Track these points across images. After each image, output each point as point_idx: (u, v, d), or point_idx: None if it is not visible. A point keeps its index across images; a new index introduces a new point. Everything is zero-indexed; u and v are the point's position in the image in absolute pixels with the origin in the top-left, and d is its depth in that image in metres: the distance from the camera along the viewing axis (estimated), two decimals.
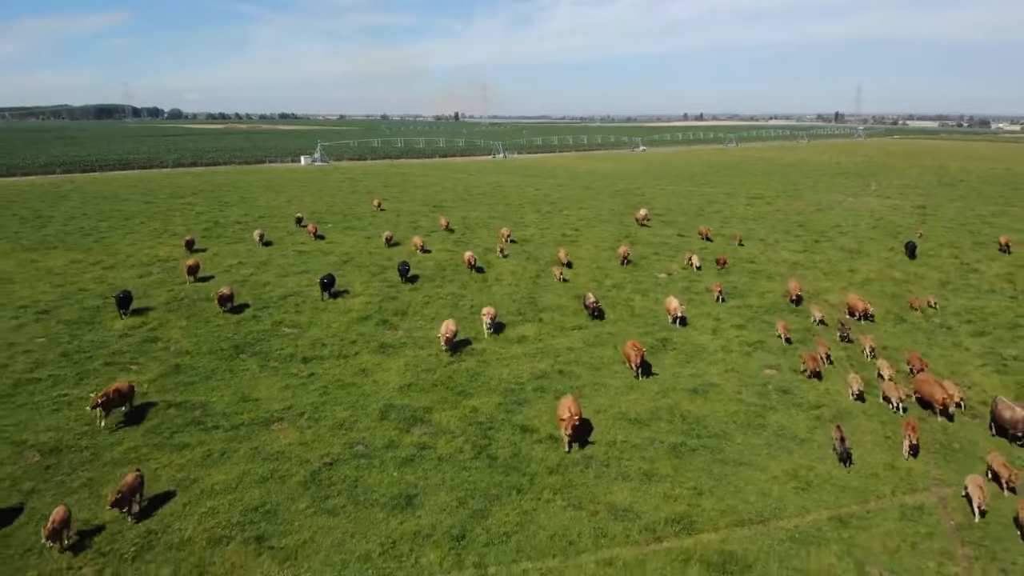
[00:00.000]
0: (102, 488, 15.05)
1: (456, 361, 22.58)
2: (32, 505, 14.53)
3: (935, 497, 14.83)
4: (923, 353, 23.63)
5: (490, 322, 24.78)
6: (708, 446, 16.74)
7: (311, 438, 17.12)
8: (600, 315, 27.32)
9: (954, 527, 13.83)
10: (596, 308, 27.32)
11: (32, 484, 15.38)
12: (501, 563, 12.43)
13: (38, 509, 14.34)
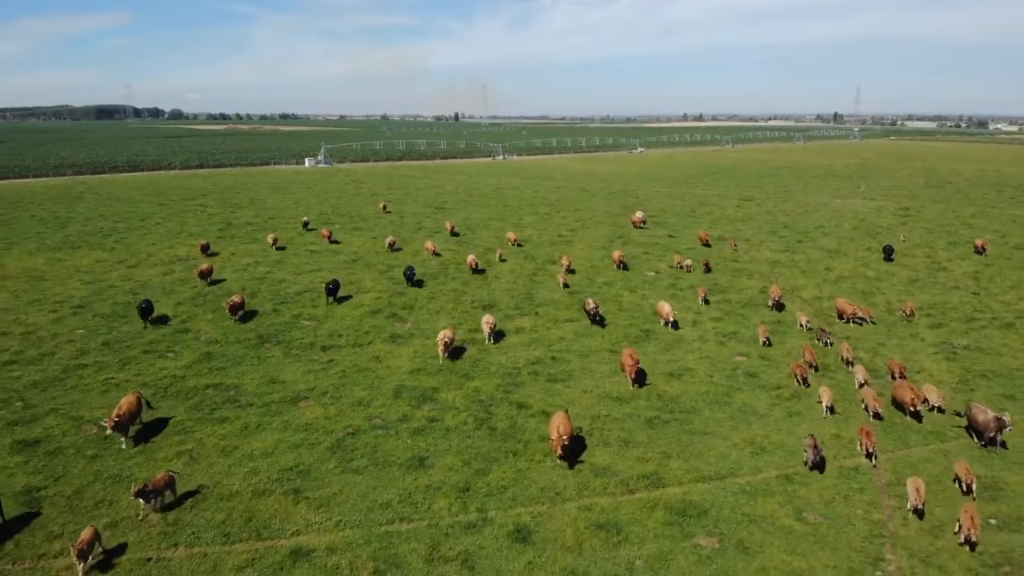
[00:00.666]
0: (157, 453, 17.54)
1: (460, 349, 25.06)
2: (96, 468, 16.99)
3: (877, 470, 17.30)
4: (880, 343, 26.16)
5: (490, 331, 25.68)
6: (679, 419, 19.24)
7: (334, 413, 19.62)
8: (601, 321, 27.98)
9: (884, 484, 16.30)
10: (596, 314, 27.92)
11: (94, 451, 17.85)
12: (499, 509, 14.93)
13: (102, 472, 16.80)
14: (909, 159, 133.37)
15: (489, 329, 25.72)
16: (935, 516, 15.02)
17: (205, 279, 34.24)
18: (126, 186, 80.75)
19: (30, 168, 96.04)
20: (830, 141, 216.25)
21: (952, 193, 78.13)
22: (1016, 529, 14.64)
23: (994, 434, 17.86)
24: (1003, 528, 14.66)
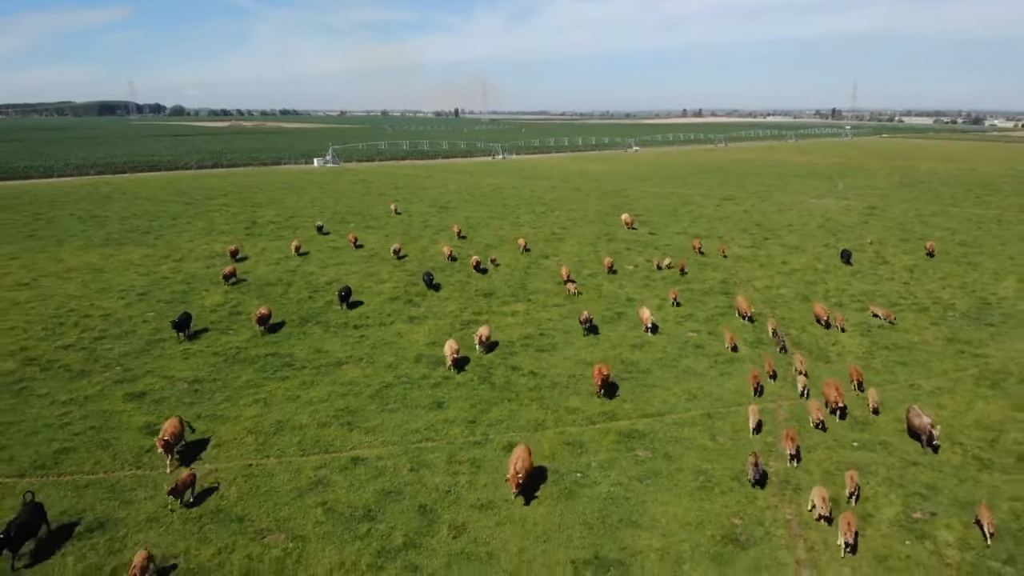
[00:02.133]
0: (239, 400, 23.22)
1: (466, 326, 30.75)
2: (195, 411, 22.62)
3: (777, 406, 22.99)
4: (807, 319, 31.84)
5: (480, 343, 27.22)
6: (635, 377, 24.94)
7: (370, 373, 25.32)
8: (595, 331, 29.95)
9: (784, 418, 21.98)
10: (589, 323, 29.85)
11: (190, 400, 23.51)
12: (497, 433, 20.62)
13: (201, 413, 22.44)
14: (892, 158, 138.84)
15: (479, 342, 27.27)
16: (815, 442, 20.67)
17: (228, 280, 37.74)
18: (149, 186, 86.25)
19: (54, 168, 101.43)
20: (821, 139, 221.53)
21: (922, 192, 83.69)
22: (871, 449, 20.29)
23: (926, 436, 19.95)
24: (862, 448, 20.33)
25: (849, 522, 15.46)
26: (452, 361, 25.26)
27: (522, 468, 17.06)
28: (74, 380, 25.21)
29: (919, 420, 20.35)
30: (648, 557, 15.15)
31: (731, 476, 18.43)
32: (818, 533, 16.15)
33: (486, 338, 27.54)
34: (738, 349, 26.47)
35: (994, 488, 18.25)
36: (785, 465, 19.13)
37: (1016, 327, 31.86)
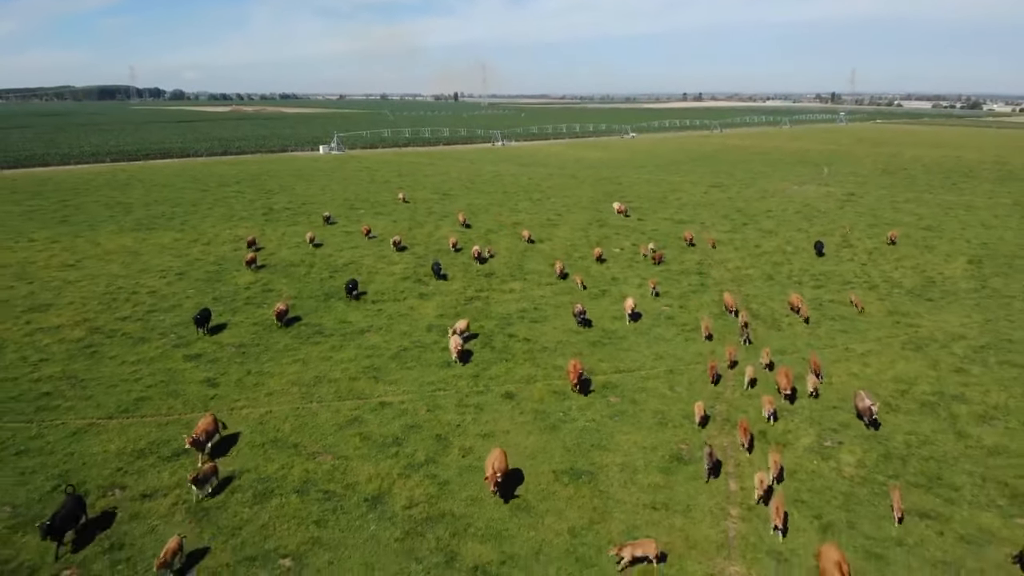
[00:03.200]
0: (282, 360, 27.73)
1: (470, 302, 35.24)
2: (247, 368, 27.11)
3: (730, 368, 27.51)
4: (771, 297, 36.32)
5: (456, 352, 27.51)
6: (613, 343, 29.48)
7: (389, 339, 29.85)
8: (588, 323, 31.53)
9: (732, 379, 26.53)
10: (583, 316, 31.38)
11: (240, 360, 28.00)
12: (496, 385, 25.18)
13: (252, 369, 26.94)
14: (881, 145, 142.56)
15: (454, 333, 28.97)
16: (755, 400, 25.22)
17: (251, 266, 41.34)
18: (164, 173, 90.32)
19: (70, 155, 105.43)
20: (816, 125, 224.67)
21: (901, 179, 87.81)
22: (800, 397, 24.83)
23: (867, 416, 22.14)
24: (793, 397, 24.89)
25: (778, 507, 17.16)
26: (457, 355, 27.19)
27: (499, 469, 18.11)
28: (136, 345, 29.74)
29: (862, 403, 22.57)
30: (611, 469, 19.76)
31: (682, 416, 23.01)
32: (744, 455, 20.73)
33: (462, 330, 29.29)
34: (712, 338, 30.08)
35: (896, 426, 22.82)
36: (727, 407, 23.70)
37: (953, 302, 36.36)
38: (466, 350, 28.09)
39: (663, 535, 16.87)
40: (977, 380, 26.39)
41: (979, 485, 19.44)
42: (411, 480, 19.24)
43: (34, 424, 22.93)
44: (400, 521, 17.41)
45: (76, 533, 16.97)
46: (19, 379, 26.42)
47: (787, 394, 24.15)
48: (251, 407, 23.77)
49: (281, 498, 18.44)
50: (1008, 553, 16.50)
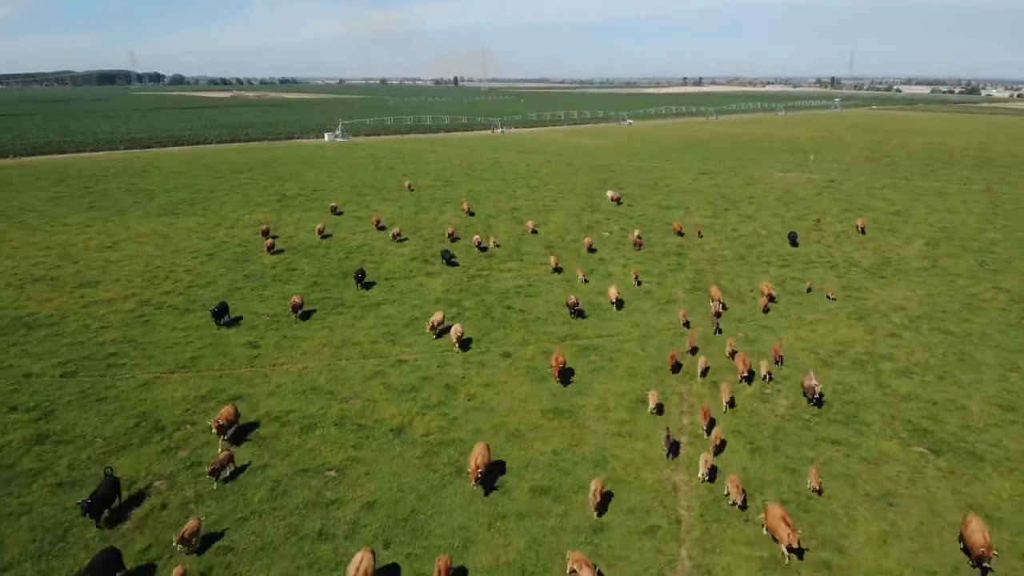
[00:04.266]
0: (312, 326, 32.22)
1: (473, 279, 39.71)
2: (282, 333, 31.61)
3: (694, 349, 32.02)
4: (739, 274, 40.77)
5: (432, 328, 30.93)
6: (597, 314, 33.99)
7: (402, 310, 34.36)
8: (581, 315, 33.59)
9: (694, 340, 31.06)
10: (577, 308, 33.37)
11: (276, 327, 32.49)
12: (495, 347, 29.73)
13: (288, 335, 31.44)
14: (870, 132, 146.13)
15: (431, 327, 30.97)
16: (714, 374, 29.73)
17: (271, 251, 45.17)
18: (177, 160, 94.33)
19: (86, 143, 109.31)
20: (811, 111, 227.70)
21: (883, 166, 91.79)
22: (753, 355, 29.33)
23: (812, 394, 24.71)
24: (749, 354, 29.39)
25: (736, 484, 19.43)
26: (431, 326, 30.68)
27: (481, 463, 19.38)
28: (183, 315, 34.25)
29: (808, 382, 25.07)
30: (588, 408, 24.36)
31: (650, 370, 27.60)
32: (699, 400, 25.31)
33: (438, 323, 31.16)
34: (690, 325, 33.09)
35: (828, 377, 27.34)
36: (691, 358, 28.26)
37: (902, 279, 40.82)
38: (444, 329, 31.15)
39: (625, 455, 21.48)
40: (906, 343, 30.94)
41: (887, 422, 24.02)
42: (426, 417, 23.83)
43: (107, 378, 27.49)
44: (419, 445, 22.02)
45: (111, 511, 18.76)
46: (85, 343, 30.96)
47: (744, 376, 26.71)
48: (290, 363, 28.34)
49: (323, 430, 23.04)
50: (898, 471, 21.09)
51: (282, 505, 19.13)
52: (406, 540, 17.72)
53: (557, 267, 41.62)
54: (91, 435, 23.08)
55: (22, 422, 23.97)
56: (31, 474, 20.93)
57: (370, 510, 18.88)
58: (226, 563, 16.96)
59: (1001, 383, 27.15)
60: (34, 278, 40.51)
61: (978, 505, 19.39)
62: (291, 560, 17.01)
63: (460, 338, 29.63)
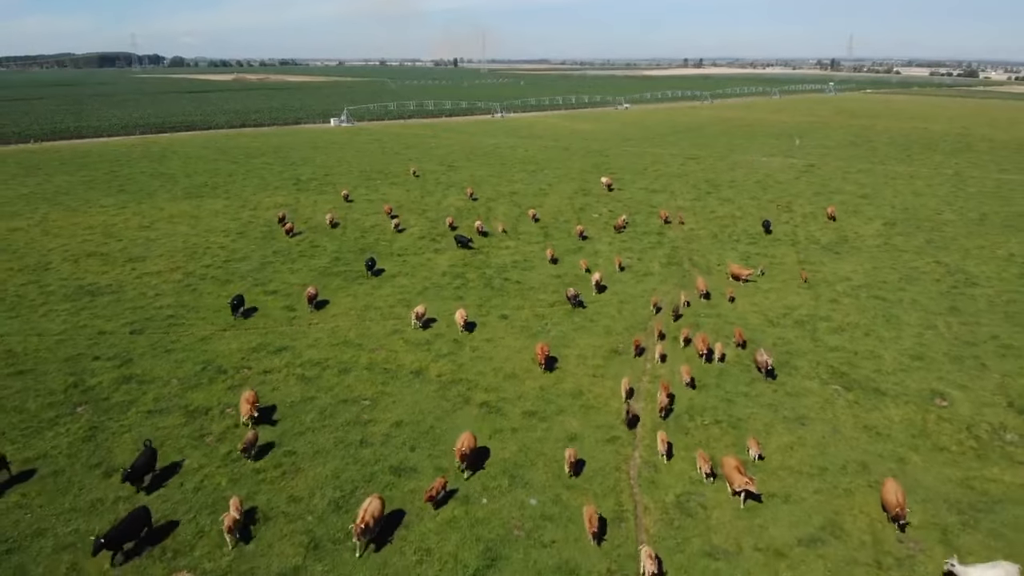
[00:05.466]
0: (338, 293, 37.64)
1: (475, 255, 45.05)
2: (325, 299, 37.04)
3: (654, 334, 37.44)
4: (710, 252, 46.13)
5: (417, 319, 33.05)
6: (583, 283, 39.40)
7: (414, 281, 39.78)
8: (581, 304, 36.12)
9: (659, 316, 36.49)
10: (577, 299, 35.73)
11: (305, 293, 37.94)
12: (494, 311, 35.20)
13: (323, 302, 36.87)
14: (858, 117, 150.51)
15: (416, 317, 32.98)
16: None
17: (290, 235, 49.74)
18: (193, 145, 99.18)
19: (102, 128, 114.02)
20: (805, 95, 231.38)
21: (863, 151, 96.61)
22: (713, 318, 34.77)
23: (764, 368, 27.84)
24: (709, 318, 34.84)
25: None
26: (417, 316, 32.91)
27: (467, 448, 21.20)
28: (225, 285, 39.65)
29: (760, 358, 28.18)
30: (571, 357, 29.88)
31: (624, 328, 33.08)
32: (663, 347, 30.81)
33: (421, 315, 33.17)
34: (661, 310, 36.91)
35: (770, 333, 32.78)
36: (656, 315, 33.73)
37: (855, 255, 46.15)
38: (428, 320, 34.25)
39: (597, 390, 27.03)
40: (844, 308, 36.39)
41: (813, 367, 29.51)
42: (439, 363, 29.35)
43: (170, 334, 32.95)
44: (434, 383, 27.57)
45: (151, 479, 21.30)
46: (145, 307, 36.40)
47: (703, 354, 29.54)
48: (323, 323, 33.83)
49: (356, 372, 28.57)
50: (813, 401, 26.60)
51: (330, 424, 24.68)
52: (427, 446, 23.26)
53: (553, 258, 43.82)
54: (167, 377, 28.57)
55: (107, 368, 29.45)
56: (124, 405, 26.44)
57: (398, 427, 24.43)
58: (292, 462, 22.49)
59: (917, 338, 32.63)
60: (86, 254, 45.85)
61: (871, 426, 24.93)
62: (340, 460, 22.56)
63: (465, 321, 32.47)
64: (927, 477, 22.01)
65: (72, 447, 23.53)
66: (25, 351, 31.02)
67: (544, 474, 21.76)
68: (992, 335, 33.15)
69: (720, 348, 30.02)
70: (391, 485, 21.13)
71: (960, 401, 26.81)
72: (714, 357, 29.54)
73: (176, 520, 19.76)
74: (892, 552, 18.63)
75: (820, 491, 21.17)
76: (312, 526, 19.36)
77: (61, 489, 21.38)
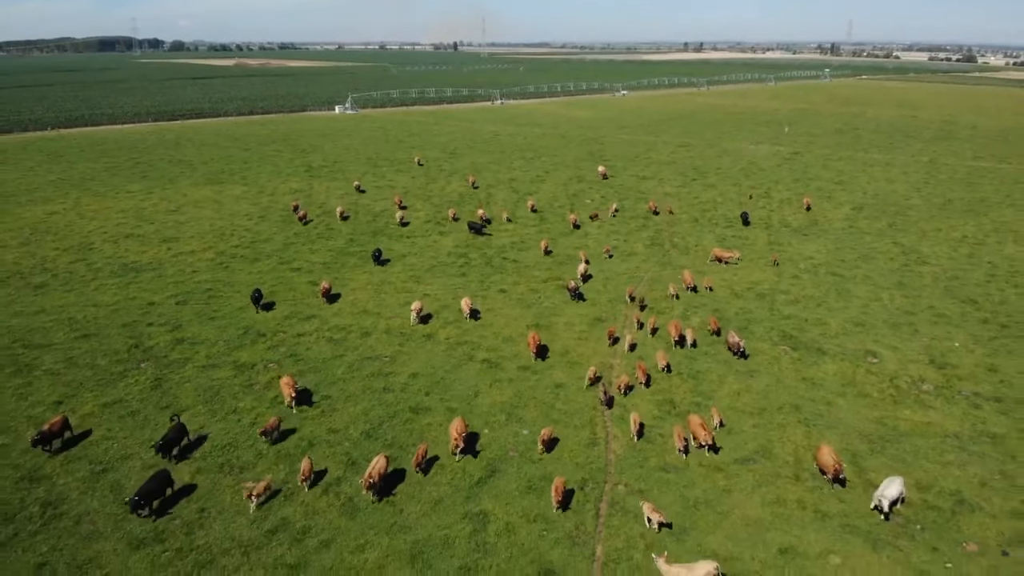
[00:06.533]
0: (355, 271, 42.43)
1: (477, 237, 49.78)
2: (334, 275, 41.85)
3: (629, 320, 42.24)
4: (689, 234, 50.86)
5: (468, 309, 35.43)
6: (572, 263, 44.20)
7: (423, 260, 44.59)
8: (581, 297, 38.45)
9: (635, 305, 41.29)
10: (576, 292, 38.10)
11: (328, 272, 42.66)
12: (495, 286, 40.03)
13: (338, 276, 41.68)
14: (849, 104, 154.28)
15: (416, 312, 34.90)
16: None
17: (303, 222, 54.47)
18: (205, 132, 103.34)
19: (116, 116, 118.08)
20: (801, 82, 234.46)
21: (848, 139, 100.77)
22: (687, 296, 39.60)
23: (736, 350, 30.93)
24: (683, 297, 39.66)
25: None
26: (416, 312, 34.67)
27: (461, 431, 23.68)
28: (253, 263, 44.44)
29: (732, 339, 31.24)
30: (559, 324, 34.76)
31: (607, 300, 37.93)
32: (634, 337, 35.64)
33: (419, 310, 35.00)
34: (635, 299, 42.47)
35: (734, 304, 37.60)
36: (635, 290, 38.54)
37: (821, 237, 50.85)
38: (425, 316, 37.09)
39: (581, 349, 31.93)
40: (802, 283, 41.20)
41: (767, 331, 34.37)
42: (447, 328, 34.25)
43: (211, 304, 37.79)
44: (443, 344, 32.48)
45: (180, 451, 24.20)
46: (185, 282, 41.21)
47: (676, 340, 32.26)
48: (344, 295, 38.68)
49: (376, 335, 33.47)
50: (763, 358, 31.44)
51: (357, 375, 29.61)
52: (439, 392, 28.20)
53: (547, 250, 46.33)
54: (214, 339, 33.44)
55: (161, 332, 34.31)
56: (181, 361, 31.31)
57: (414, 378, 29.37)
58: (328, 404, 27.41)
59: (862, 309, 37.49)
60: (123, 235, 50.57)
61: (809, 378, 29.83)
62: (367, 402, 27.49)
63: (470, 309, 35.44)
64: (848, 416, 26.95)
65: (143, 393, 28.44)
66: (86, 319, 35.87)
67: (534, 412, 26.71)
68: (929, 305, 38.02)
69: (692, 334, 32.61)
70: (410, 420, 26.10)
71: (889, 359, 31.71)
72: (686, 343, 32.23)
73: (239, 446, 24.70)
74: (809, 469, 23.57)
75: (758, 425, 26.12)
76: (349, 449, 24.33)
77: (139, 425, 26.29)
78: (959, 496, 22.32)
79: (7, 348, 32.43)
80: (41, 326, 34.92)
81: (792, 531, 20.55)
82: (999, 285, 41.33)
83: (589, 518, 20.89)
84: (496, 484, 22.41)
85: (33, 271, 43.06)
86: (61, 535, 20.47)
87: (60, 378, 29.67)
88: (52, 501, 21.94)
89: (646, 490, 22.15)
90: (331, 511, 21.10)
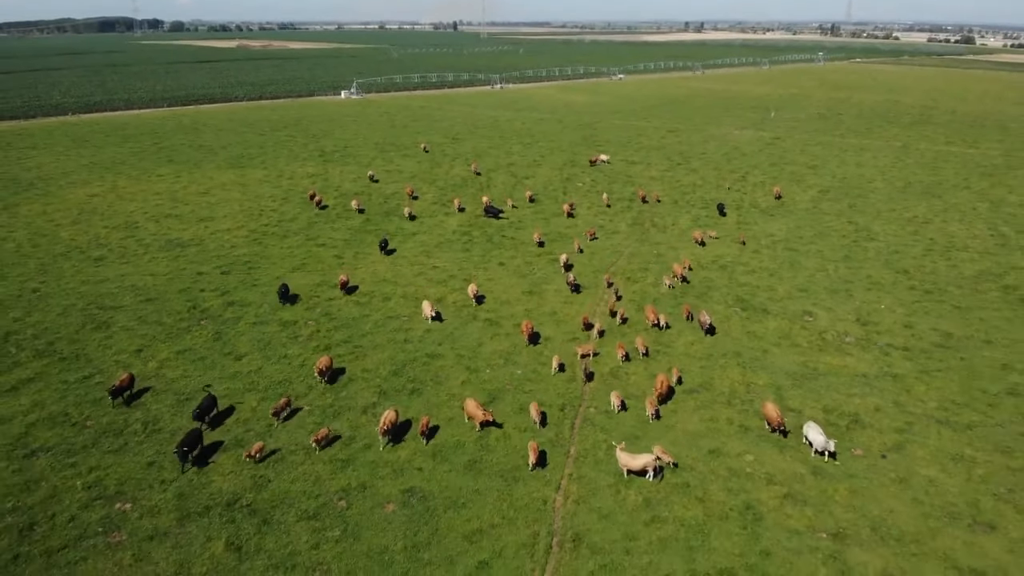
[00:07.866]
0: (371, 247, 48.73)
1: (479, 218, 56.01)
2: (355, 251, 48.16)
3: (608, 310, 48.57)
4: (668, 215, 57.11)
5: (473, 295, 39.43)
6: (563, 240, 50.49)
7: (431, 237, 50.91)
8: (578, 290, 41.59)
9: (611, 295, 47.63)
10: (575, 285, 41.22)
11: (349, 248, 48.98)
12: (495, 260, 46.41)
13: (358, 252, 47.99)
14: (838, 89, 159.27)
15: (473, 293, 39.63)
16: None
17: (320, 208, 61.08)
18: (218, 118, 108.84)
19: (131, 101, 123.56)
20: (795, 65, 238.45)
21: (830, 124, 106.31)
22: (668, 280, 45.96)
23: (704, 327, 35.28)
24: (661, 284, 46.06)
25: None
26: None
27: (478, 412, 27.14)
28: (283, 239, 50.75)
29: (703, 318, 35.71)
30: (549, 291, 41.20)
31: (591, 271, 44.32)
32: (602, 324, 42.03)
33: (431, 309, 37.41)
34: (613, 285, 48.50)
35: (699, 275, 43.96)
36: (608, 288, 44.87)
37: (785, 217, 57.06)
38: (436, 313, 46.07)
39: (567, 311, 38.38)
40: (760, 257, 47.54)
41: (723, 296, 40.76)
42: (453, 294, 40.69)
43: (252, 274, 44.16)
44: (450, 307, 38.94)
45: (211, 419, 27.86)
46: (226, 255, 47.56)
47: (654, 324, 36.16)
48: (364, 267, 45.08)
49: (395, 300, 39.91)
50: (717, 317, 37.94)
51: (381, 329, 36.12)
52: (449, 344, 34.70)
53: (540, 241, 49.66)
54: (259, 302, 39.86)
55: (213, 296, 40.71)
56: (235, 319, 37.75)
57: (428, 332, 35.88)
58: (360, 351, 33.91)
59: (809, 278, 43.88)
60: (163, 215, 56.80)
61: (752, 332, 36.28)
62: (391, 350, 34.00)
63: (476, 294, 39.79)
64: (778, 361, 33.46)
65: (207, 343, 34.92)
66: (146, 286, 42.27)
67: (527, 358, 33.23)
68: (868, 275, 44.41)
69: (664, 318, 36.57)
70: (427, 363, 32.64)
71: (823, 318, 38.17)
72: (661, 326, 36.04)
73: (292, 381, 31.22)
74: (740, 398, 30.11)
75: (704, 367, 32.66)
76: (380, 383, 30.89)
77: (208, 366, 32.78)
78: (856, 417, 28.85)
79: (84, 309, 38.86)
80: (109, 292, 41.30)
81: (719, 439, 27.13)
82: (933, 258, 47.66)
83: (566, 429, 27.50)
84: (495, 407, 28.96)
85: (90, 246, 49.34)
86: (162, 443, 27.00)
87: (135, 332, 36.11)
88: (150, 420, 28.46)
89: (611, 411, 28.73)
90: (370, 425, 27.67)
